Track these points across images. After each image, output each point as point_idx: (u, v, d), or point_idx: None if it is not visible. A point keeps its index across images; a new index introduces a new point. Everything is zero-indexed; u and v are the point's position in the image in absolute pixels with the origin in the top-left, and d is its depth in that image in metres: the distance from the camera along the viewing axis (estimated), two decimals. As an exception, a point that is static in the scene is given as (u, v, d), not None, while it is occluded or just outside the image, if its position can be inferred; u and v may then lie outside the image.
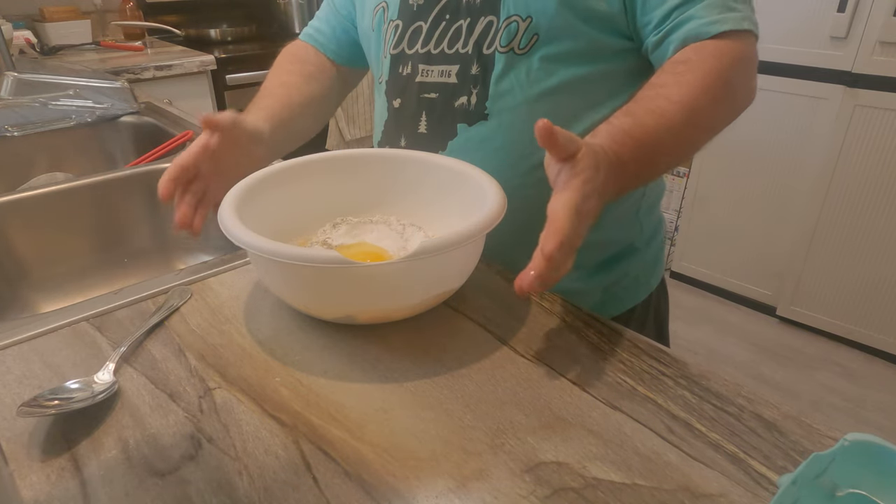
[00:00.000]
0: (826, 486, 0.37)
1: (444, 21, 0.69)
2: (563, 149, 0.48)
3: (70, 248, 0.87)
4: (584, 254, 0.75)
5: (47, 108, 1.11)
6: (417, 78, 0.72)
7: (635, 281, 0.79)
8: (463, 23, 0.68)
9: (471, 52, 0.68)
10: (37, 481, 0.40)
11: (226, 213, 0.54)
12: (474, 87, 0.68)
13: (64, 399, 0.45)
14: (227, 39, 2.30)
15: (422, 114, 0.73)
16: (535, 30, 0.64)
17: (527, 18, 0.64)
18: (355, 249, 0.61)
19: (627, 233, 0.76)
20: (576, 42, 0.64)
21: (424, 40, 0.71)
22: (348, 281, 0.49)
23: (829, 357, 2.00)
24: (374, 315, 0.54)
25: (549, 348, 0.52)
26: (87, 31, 2.04)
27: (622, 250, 0.76)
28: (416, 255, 0.47)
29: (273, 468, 0.41)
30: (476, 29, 0.67)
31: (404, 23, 0.72)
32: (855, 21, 1.75)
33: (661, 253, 0.83)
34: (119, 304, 0.58)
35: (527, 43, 0.64)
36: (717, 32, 0.58)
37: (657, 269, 0.83)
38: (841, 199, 1.90)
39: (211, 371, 0.50)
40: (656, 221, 0.81)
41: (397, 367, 0.50)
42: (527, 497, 0.39)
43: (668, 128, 0.55)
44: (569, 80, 0.65)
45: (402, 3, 0.72)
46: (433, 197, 0.66)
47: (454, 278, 0.55)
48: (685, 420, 0.45)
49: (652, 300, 0.82)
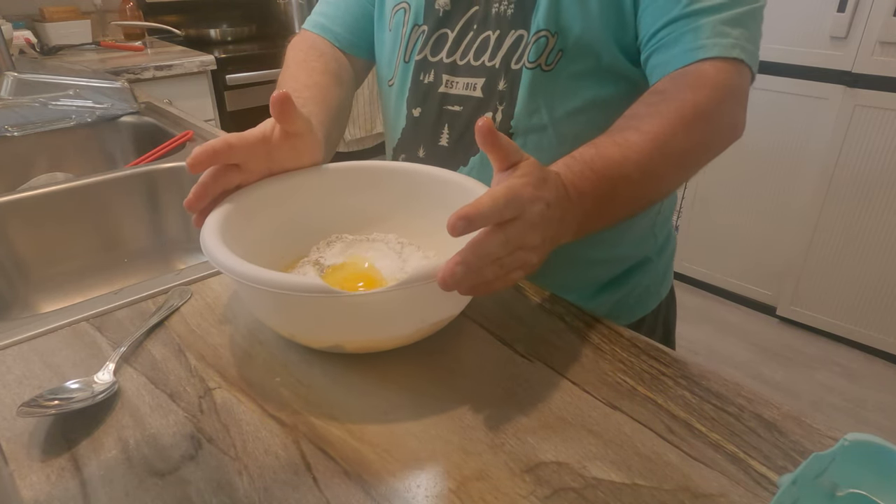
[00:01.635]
0: (826, 486, 0.37)
1: (471, 31, 0.66)
2: (505, 154, 0.44)
3: (70, 248, 0.87)
4: (600, 270, 0.74)
5: (47, 108, 1.11)
6: (440, 88, 0.69)
7: (646, 291, 0.78)
8: (491, 34, 0.65)
9: (498, 66, 0.65)
10: (37, 481, 0.40)
11: (208, 231, 0.49)
12: (500, 104, 0.65)
13: (64, 399, 0.45)
14: (227, 39, 2.30)
15: (443, 126, 0.70)
16: (561, 45, 0.61)
17: (555, 33, 0.61)
18: (349, 271, 0.57)
19: (643, 247, 0.75)
20: (599, 60, 0.61)
21: (450, 49, 0.68)
22: (334, 311, 0.45)
23: (829, 357, 2.00)
24: (363, 345, 0.50)
25: (549, 348, 0.52)
26: (87, 31, 2.04)
27: (636, 263, 0.75)
28: (407, 283, 0.43)
29: (273, 468, 0.41)
30: (505, 42, 0.64)
31: (430, 28, 0.69)
32: (855, 21, 1.75)
33: (671, 261, 0.82)
34: (119, 304, 0.58)
35: (553, 59, 0.62)
36: (699, 59, 0.54)
37: (667, 277, 0.82)
38: (841, 200, 1.90)
39: (211, 371, 0.50)
40: (668, 231, 0.80)
41: (397, 368, 0.50)
42: (527, 497, 0.39)
43: (636, 161, 0.50)
44: (593, 99, 0.63)
45: (427, 7, 0.69)
46: (435, 214, 0.59)
47: (451, 306, 0.51)
48: (685, 420, 0.45)
49: (661, 308, 0.81)
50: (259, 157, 0.54)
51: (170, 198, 0.93)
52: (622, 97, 0.62)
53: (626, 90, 0.63)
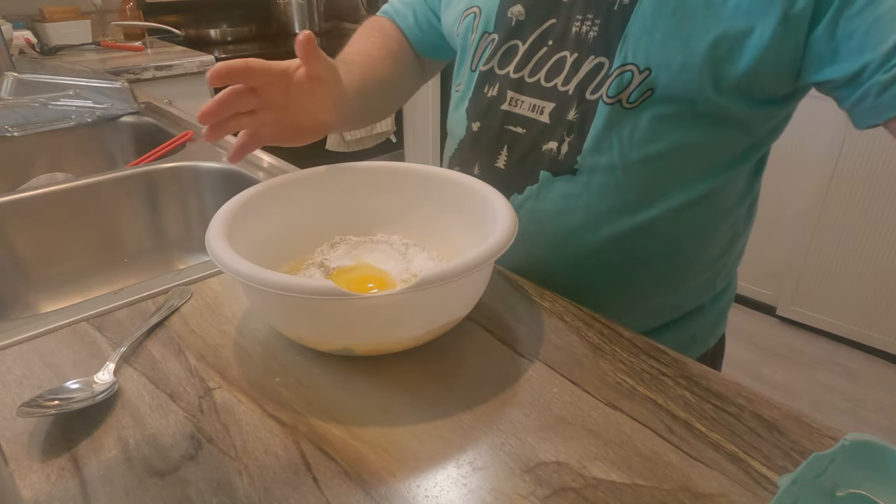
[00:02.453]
0: (826, 486, 0.37)
1: (545, 46, 0.60)
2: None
3: (70, 248, 0.87)
4: (645, 318, 0.66)
5: (47, 108, 1.11)
6: (503, 105, 0.63)
7: (692, 340, 0.71)
8: (567, 56, 0.59)
9: (571, 93, 0.58)
10: (37, 481, 0.40)
11: (213, 233, 0.49)
12: (568, 135, 0.59)
13: (64, 399, 0.45)
14: (227, 39, 2.30)
15: (503, 147, 0.64)
16: (650, 84, 0.54)
17: (644, 70, 0.54)
18: (356, 273, 0.57)
19: (699, 297, 0.69)
20: (694, 106, 0.54)
21: (519, 63, 0.62)
22: (345, 313, 0.45)
23: (829, 357, 2.00)
24: (373, 348, 0.50)
25: (549, 348, 0.52)
26: (87, 31, 2.04)
27: (688, 312, 0.69)
28: (419, 285, 0.43)
29: (273, 468, 0.41)
30: (582, 68, 0.58)
31: (500, 37, 0.63)
32: (855, 21, 1.75)
33: (725, 310, 0.75)
34: (119, 304, 0.58)
35: (638, 97, 0.55)
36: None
37: (719, 327, 0.75)
38: (841, 200, 1.90)
39: (211, 371, 0.50)
40: (729, 280, 0.73)
41: (397, 368, 0.50)
42: (527, 497, 0.39)
43: None
44: (677, 145, 0.56)
45: (499, 14, 0.63)
46: (438, 214, 0.61)
47: (460, 307, 0.51)
48: (685, 420, 0.45)
49: (706, 359, 0.73)
50: (277, 89, 0.53)
51: (170, 198, 0.94)
52: (713, 144, 0.57)
53: (719, 136, 0.57)
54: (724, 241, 0.66)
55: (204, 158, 0.95)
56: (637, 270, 0.64)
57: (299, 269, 0.59)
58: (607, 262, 0.62)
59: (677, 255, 0.64)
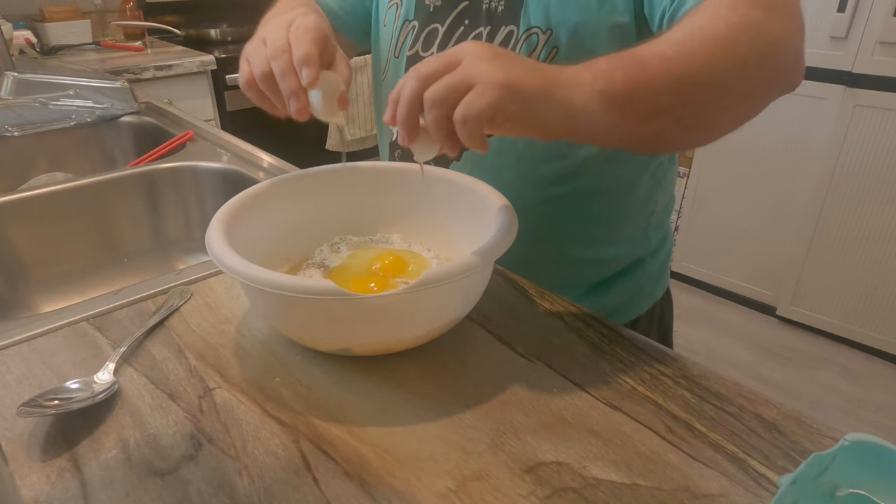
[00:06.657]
0: (826, 486, 0.37)
1: (462, 26, 0.66)
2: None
3: (70, 248, 0.87)
4: (591, 271, 0.74)
5: (47, 108, 1.11)
6: None
7: (639, 292, 0.77)
8: (483, 30, 0.65)
9: None
10: (37, 481, 0.40)
11: (213, 233, 0.49)
12: None
13: (64, 399, 0.45)
14: (227, 39, 2.30)
15: None
16: (554, 42, 0.60)
17: (547, 30, 0.60)
18: (354, 273, 0.57)
19: (636, 248, 0.75)
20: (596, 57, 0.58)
21: (441, 43, 0.68)
22: (344, 313, 0.45)
23: (829, 357, 2.00)
24: (373, 348, 0.50)
25: (549, 348, 0.52)
26: (87, 31, 2.04)
27: (629, 265, 0.75)
28: (419, 285, 0.43)
29: (273, 468, 0.41)
30: (496, 39, 0.64)
31: (420, 23, 0.69)
32: (855, 21, 1.75)
33: (667, 262, 0.82)
34: (119, 304, 0.58)
35: (546, 56, 0.61)
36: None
37: (662, 278, 0.81)
38: (841, 200, 1.90)
39: (211, 371, 0.50)
40: (664, 232, 0.79)
41: (397, 367, 0.50)
42: (527, 497, 0.39)
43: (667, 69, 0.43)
44: None
45: (417, 3, 0.69)
46: (437, 213, 0.62)
47: (461, 307, 0.51)
48: (685, 420, 0.45)
49: (656, 310, 0.80)
50: None
51: (170, 198, 0.93)
52: None
53: None
54: (647, 188, 0.72)
55: (204, 158, 0.95)
56: (572, 224, 0.71)
57: (299, 270, 0.59)
58: (547, 213, 0.69)
59: (604, 205, 0.70)
